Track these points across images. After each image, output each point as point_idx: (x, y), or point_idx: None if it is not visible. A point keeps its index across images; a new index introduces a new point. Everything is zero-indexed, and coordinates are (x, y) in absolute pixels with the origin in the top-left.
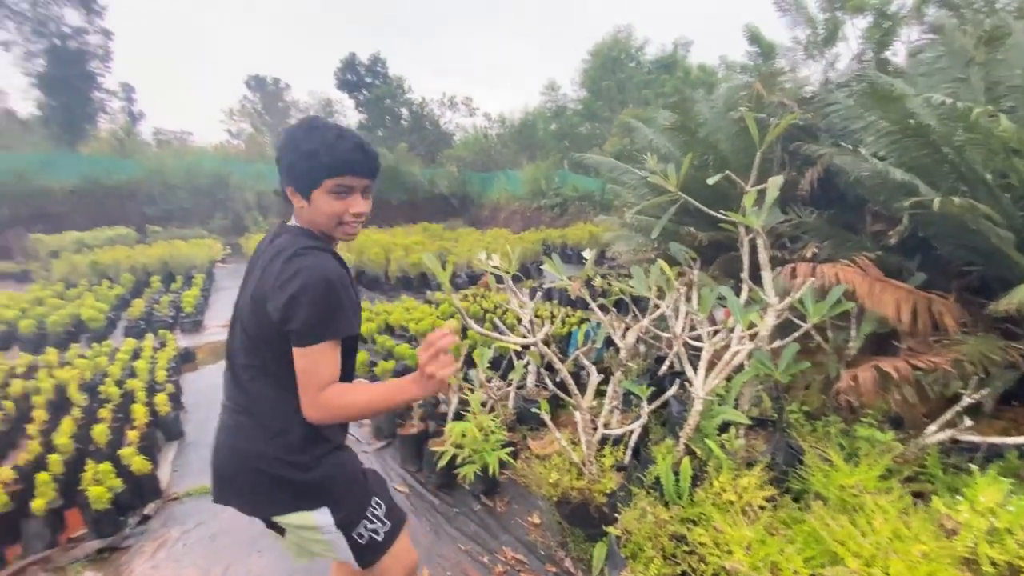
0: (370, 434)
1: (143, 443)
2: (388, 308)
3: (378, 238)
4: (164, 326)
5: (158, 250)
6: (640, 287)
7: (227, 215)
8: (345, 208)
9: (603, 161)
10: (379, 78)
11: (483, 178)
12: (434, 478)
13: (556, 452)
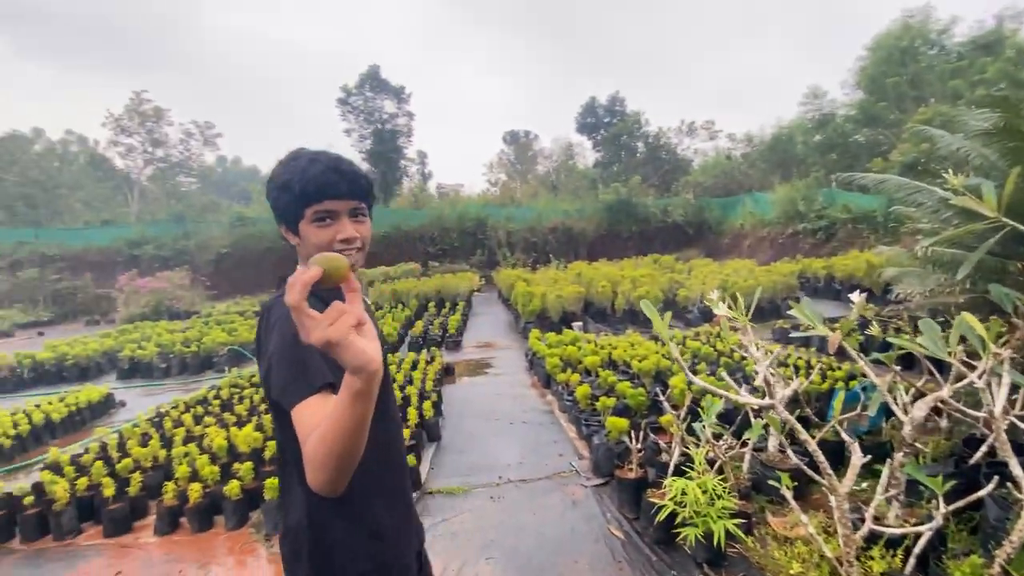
0: (589, 468)
1: (412, 441)
2: (613, 342)
3: (606, 271)
4: (434, 343)
5: (434, 282)
6: (934, 347)
7: (484, 252)
8: (332, 236)
9: (886, 179)
10: (617, 116)
11: (724, 203)
12: (651, 531)
13: (802, 538)
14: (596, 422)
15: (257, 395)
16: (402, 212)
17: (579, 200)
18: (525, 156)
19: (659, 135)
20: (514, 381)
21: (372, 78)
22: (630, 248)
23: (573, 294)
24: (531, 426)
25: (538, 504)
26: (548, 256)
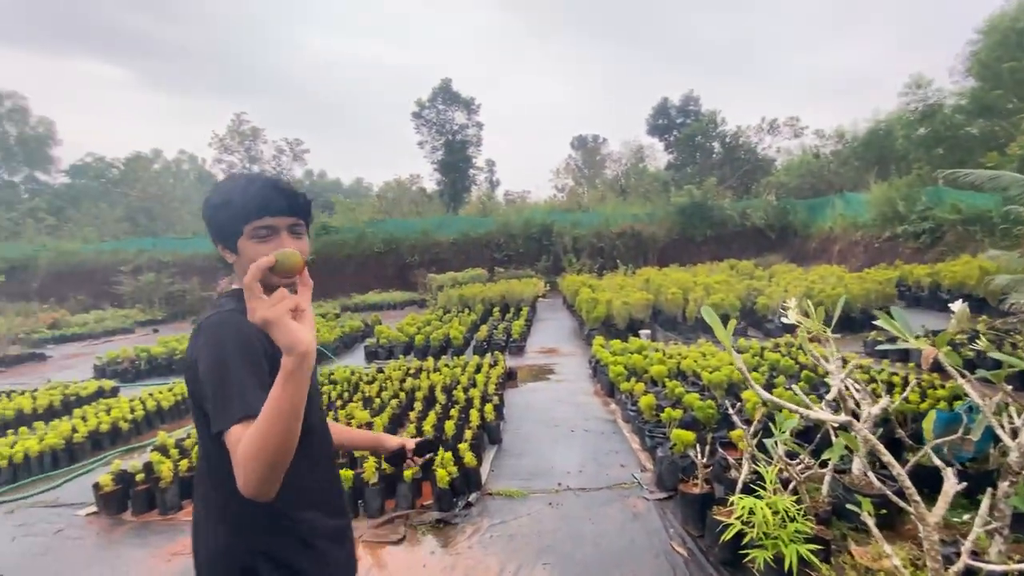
0: (652, 481)
1: (474, 442)
2: (683, 351)
3: (677, 277)
4: (498, 348)
5: (500, 287)
6: None
7: (549, 257)
8: (271, 251)
9: (1000, 175)
10: (691, 116)
11: (811, 205)
12: (717, 550)
13: (887, 570)
14: (661, 434)
15: (334, 391)
16: (469, 219)
17: (649, 203)
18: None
19: (737, 134)
20: (576, 388)
21: (444, 91)
22: (704, 253)
23: (641, 301)
24: (592, 434)
25: (597, 514)
26: (615, 262)
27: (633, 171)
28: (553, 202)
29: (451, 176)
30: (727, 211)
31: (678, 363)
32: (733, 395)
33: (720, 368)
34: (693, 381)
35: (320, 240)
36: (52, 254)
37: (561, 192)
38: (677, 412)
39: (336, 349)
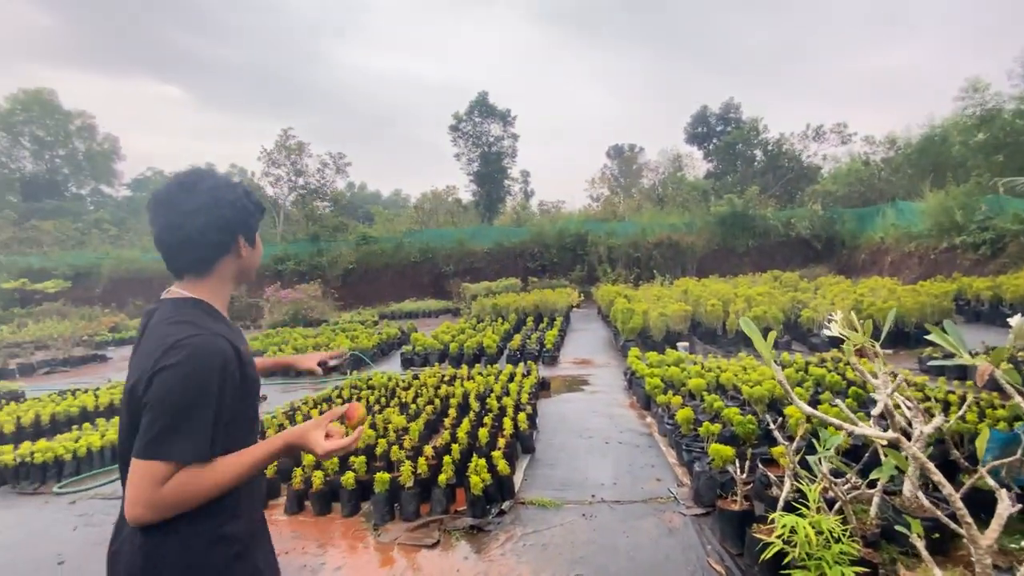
0: (689, 496)
1: (507, 451)
2: (722, 365)
3: (717, 288)
4: (531, 357)
5: (533, 296)
6: None
7: (584, 267)
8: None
9: None
10: (731, 124)
11: (860, 214)
12: (756, 570)
13: None
14: (699, 448)
15: (372, 396)
16: (504, 229)
17: (688, 213)
18: (629, 170)
19: (780, 141)
20: (611, 400)
21: (480, 104)
22: (746, 264)
23: (678, 312)
24: (627, 447)
25: (631, 527)
26: (652, 272)
27: (671, 180)
28: (588, 212)
29: (486, 187)
30: (770, 221)
31: (717, 377)
32: (775, 411)
33: (761, 383)
34: (733, 396)
35: (360, 250)
36: (114, 262)
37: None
38: (716, 427)
39: (374, 355)
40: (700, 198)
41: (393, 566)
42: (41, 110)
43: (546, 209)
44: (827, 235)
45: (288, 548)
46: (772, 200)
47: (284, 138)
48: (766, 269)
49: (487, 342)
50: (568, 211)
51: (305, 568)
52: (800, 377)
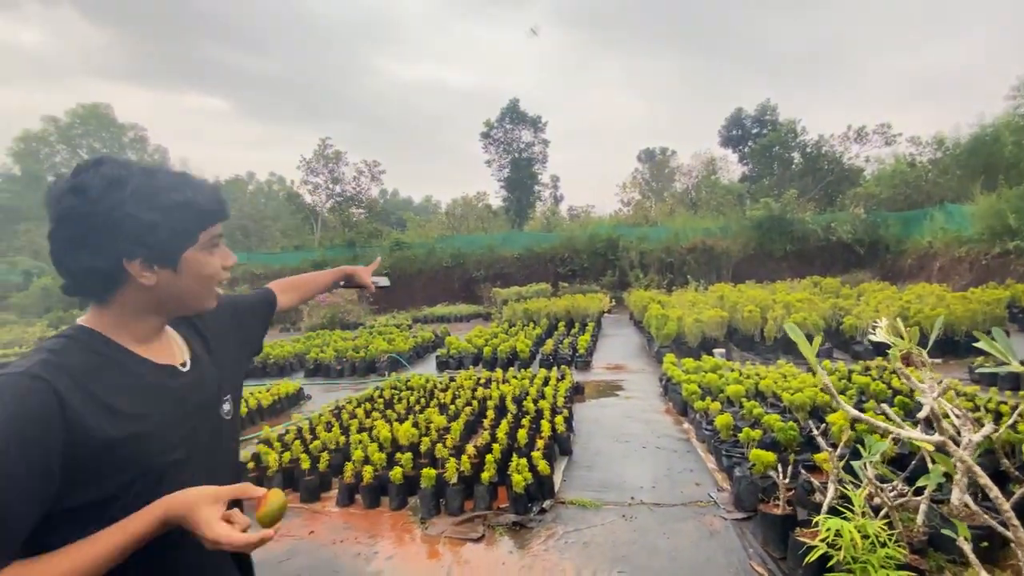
0: (730, 501)
1: (545, 451)
2: (761, 372)
3: (754, 294)
4: (564, 362)
5: (564, 302)
6: None
7: (615, 272)
8: (220, 263)
9: None
10: (767, 126)
11: (905, 218)
12: (800, 573)
13: None
14: (739, 454)
15: (412, 397)
16: (534, 235)
17: (722, 217)
18: (661, 173)
19: (820, 143)
20: (646, 406)
21: (512, 111)
22: (784, 269)
23: (714, 318)
24: (665, 452)
25: (672, 529)
26: (685, 277)
27: (705, 183)
28: (618, 216)
29: (516, 193)
30: (809, 225)
31: (756, 384)
32: (817, 418)
33: (803, 389)
34: (772, 403)
35: (394, 255)
36: None
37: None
38: (756, 433)
39: (410, 358)
40: (735, 202)
41: (440, 558)
42: (98, 123)
43: (576, 214)
44: (870, 239)
45: (342, 537)
46: (811, 203)
47: (322, 147)
48: (805, 275)
49: (520, 346)
50: (598, 216)
51: (359, 556)
52: (843, 385)
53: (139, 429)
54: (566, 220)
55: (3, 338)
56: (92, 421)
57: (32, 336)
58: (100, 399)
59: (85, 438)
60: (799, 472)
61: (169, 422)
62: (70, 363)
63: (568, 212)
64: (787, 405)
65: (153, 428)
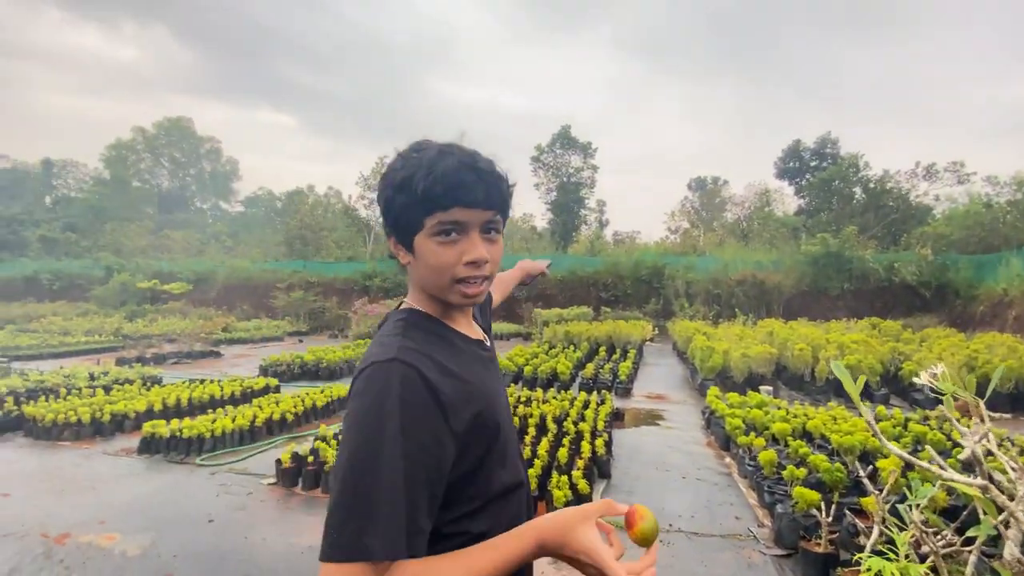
0: (771, 537)
1: (585, 472)
2: (809, 412)
3: (806, 332)
4: (604, 387)
5: (606, 327)
6: None
7: (659, 301)
8: (458, 256)
9: None
10: (827, 160)
11: (978, 262)
12: None
13: None
14: (781, 491)
15: None
16: (578, 258)
17: (775, 251)
18: (712, 203)
19: (884, 179)
20: (687, 437)
21: (563, 137)
22: (839, 309)
23: (763, 354)
24: (705, 484)
25: (710, 558)
26: (733, 310)
27: (757, 215)
28: (665, 244)
29: (562, 216)
30: (870, 263)
31: (803, 423)
32: (866, 462)
33: (853, 432)
34: (820, 444)
35: None
36: (227, 270)
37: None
38: (801, 471)
39: None
40: (789, 235)
41: None
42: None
43: (620, 239)
44: (937, 283)
45: None
46: (872, 241)
47: (379, 165)
48: (863, 316)
49: (560, 368)
50: (644, 242)
51: None
52: (898, 432)
53: (487, 392)
54: (611, 245)
55: (84, 327)
56: (455, 395)
57: (111, 326)
58: (452, 372)
59: (455, 412)
60: (844, 515)
61: (495, 388)
62: (419, 345)
63: (613, 237)
64: (835, 447)
65: (491, 392)
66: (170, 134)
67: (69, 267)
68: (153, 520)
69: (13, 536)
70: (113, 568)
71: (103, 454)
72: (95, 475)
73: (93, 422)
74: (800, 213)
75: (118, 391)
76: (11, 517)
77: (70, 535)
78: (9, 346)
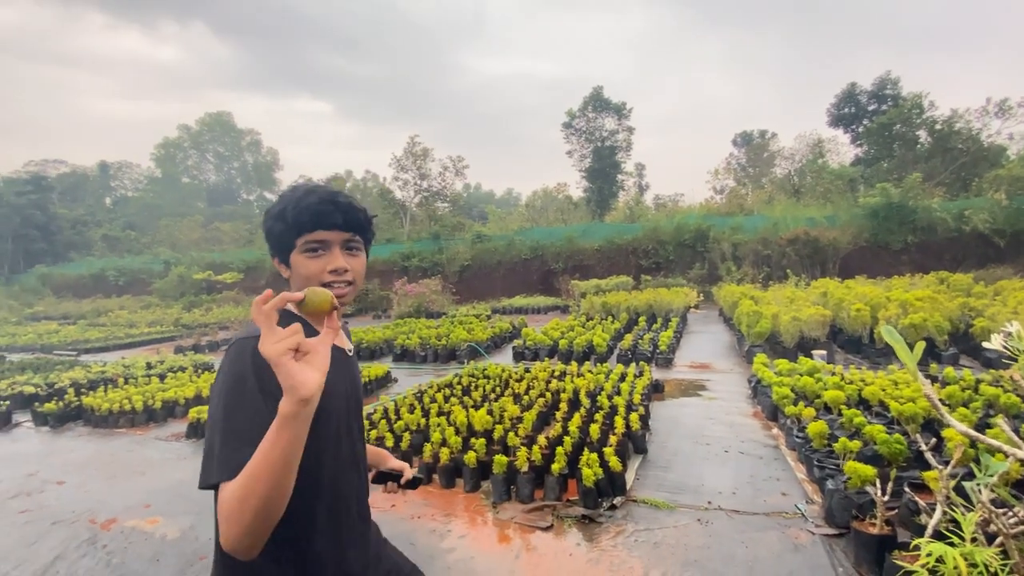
0: (820, 515)
1: (619, 448)
2: (867, 377)
3: (864, 291)
4: (643, 358)
5: (646, 296)
6: None
7: (704, 265)
8: (323, 267)
9: None
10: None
11: None
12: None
13: None
14: (833, 465)
15: (488, 385)
16: (615, 226)
17: (830, 205)
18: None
19: (952, 119)
20: (731, 408)
21: (595, 99)
22: (903, 264)
23: (815, 316)
24: (749, 457)
25: (751, 538)
26: (784, 271)
27: (809, 168)
28: (709, 205)
29: (598, 183)
30: (936, 213)
31: (859, 390)
32: (931, 432)
33: (916, 399)
34: (878, 412)
35: (475, 247)
36: None
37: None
38: (855, 444)
39: (488, 347)
40: (845, 188)
41: (510, 542)
42: (221, 129)
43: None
44: (1013, 230)
45: (419, 513)
46: (939, 189)
47: (411, 145)
48: (929, 270)
49: (597, 340)
50: (687, 205)
51: (434, 532)
52: (967, 396)
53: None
54: (651, 210)
55: (148, 318)
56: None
57: (171, 317)
58: None
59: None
60: (903, 491)
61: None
62: None
63: (654, 201)
64: (895, 416)
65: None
66: (212, 129)
67: (131, 263)
68: (195, 503)
69: (63, 523)
70: (152, 552)
71: (155, 440)
72: (145, 460)
73: (146, 409)
74: (857, 163)
75: (171, 379)
76: (63, 505)
77: (116, 520)
78: (80, 340)
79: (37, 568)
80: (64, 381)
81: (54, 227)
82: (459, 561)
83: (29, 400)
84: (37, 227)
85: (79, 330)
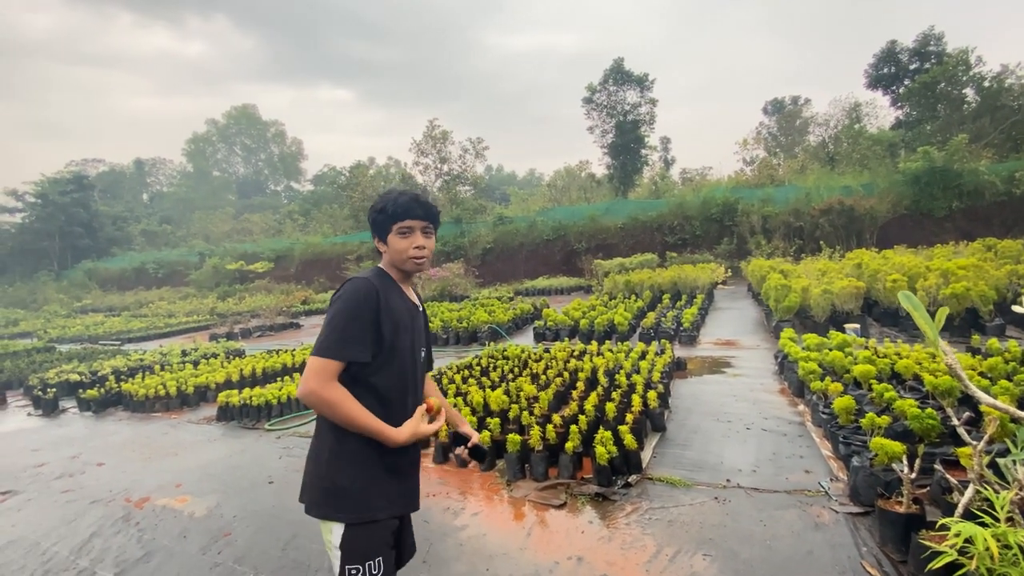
0: (845, 493)
1: (635, 426)
2: (901, 351)
3: (902, 260)
4: (666, 336)
5: (670, 273)
6: None
7: (732, 240)
8: (410, 244)
9: None
10: (931, 60)
11: None
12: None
13: None
14: (860, 442)
15: (506, 366)
16: (639, 203)
17: (867, 172)
18: (791, 126)
19: (1002, 75)
20: (756, 385)
21: (616, 72)
22: (947, 232)
23: (847, 289)
24: (772, 434)
25: (770, 516)
26: (818, 244)
27: (845, 134)
28: (738, 177)
29: (621, 159)
30: (984, 176)
31: (892, 364)
32: (968, 407)
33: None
34: (912, 387)
35: (497, 230)
36: (303, 246)
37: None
38: (884, 419)
39: (509, 329)
40: (884, 153)
41: (524, 520)
42: (247, 122)
43: (688, 177)
44: None
45: (435, 492)
46: (988, 151)
47: (431, 129)
48: (976, 237)
49: (618, 319)
50: (715, 178)
51: (449, 510)
52: (1011, 369)
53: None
54: (677, 184)
55: (185, 308)
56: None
57: (206, 306)
58: (389, 302)
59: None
60: (934, 468)
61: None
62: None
63: (680, 175)
64: (930, 389)
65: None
66: (239, 122)
67: (169, 256)
68: (222, 482)
69: (101, 502)
70: (180, 529)
71: (188, 423)
72: (178, 443)
73: (179, 394)
74: (898, 126)
75: (204, 365)
76: (102, 485)
77: (149, 499)
78: (123, 330)
79: (75, 544)
80: (106, 369)
81: (97, 224)
82: (472, 538)
83: (75, 387)
84: (81, 224)
85: (123, 321)
